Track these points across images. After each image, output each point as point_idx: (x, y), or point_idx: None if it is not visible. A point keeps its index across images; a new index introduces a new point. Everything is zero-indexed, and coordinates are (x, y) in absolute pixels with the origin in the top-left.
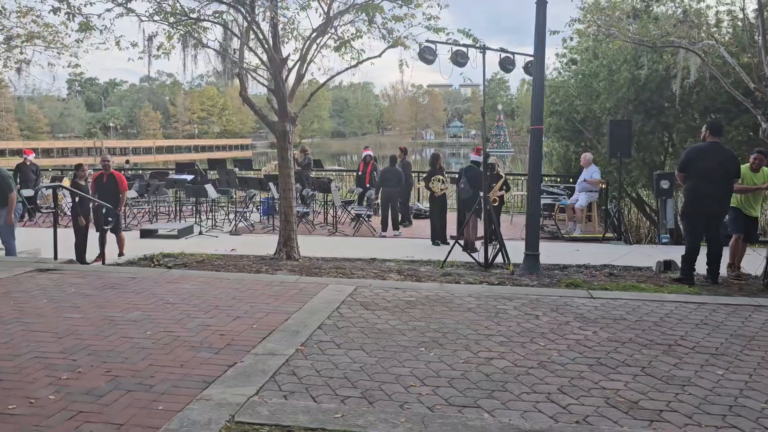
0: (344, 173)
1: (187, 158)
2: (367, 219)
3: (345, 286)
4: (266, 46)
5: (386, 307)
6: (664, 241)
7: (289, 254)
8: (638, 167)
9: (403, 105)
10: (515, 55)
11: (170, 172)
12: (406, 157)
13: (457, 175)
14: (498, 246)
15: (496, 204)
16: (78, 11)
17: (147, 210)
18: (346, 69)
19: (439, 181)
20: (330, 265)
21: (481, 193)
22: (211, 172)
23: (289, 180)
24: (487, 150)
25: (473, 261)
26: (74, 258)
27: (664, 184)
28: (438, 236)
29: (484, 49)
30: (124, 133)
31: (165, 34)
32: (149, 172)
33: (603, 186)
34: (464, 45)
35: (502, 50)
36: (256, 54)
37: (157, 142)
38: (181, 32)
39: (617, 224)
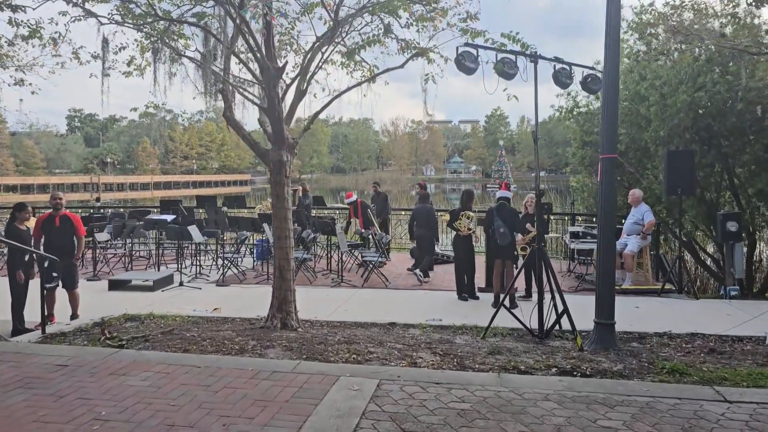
0: (347, 211)
1: (178, 194)
2: (377, 266)
3: (363, 379)
4: (258, 54)
5: (431, 426)
6: (733, 293)
7: (285, 322)
8: (693, 205)
9: (403, 140)
10: (573, 67)
11: (154, 211)
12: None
13: (485, 216)
14: (551, 302)
15: (526, 252)
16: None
17: (123, 254)
18: (362, 82)
19: (467, 218)
20: (339, 337)
21: (519, 236)
22: (200, 211)
23: (286, 224)
24: (488, 186)
25: (518, 323)
26: (10, 318)
27: (732, 226)
28: (466, 289)
29: (536, 57)
30: (122, 168)
31: (137, 45)
32: (129, 210)
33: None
34: (511, 51)
35: (558, 60)
36: (245, 65)
37: (154, 178)
38: (153, 39)
39: (678, 274)
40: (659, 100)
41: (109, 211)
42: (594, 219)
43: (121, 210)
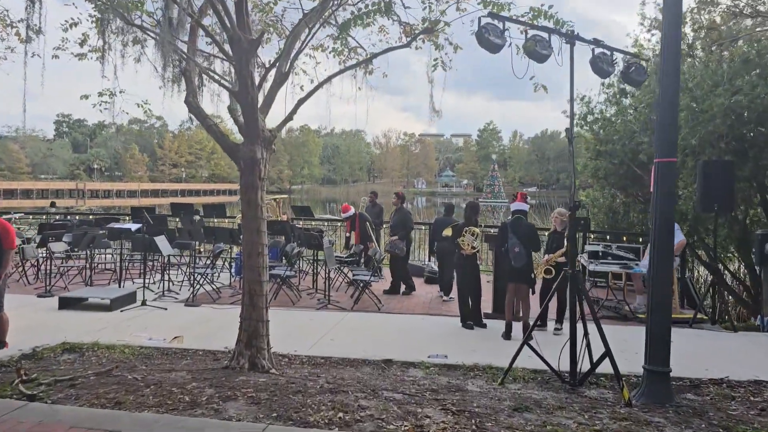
0: (338, 224)
1: (165, 202)
2: (368, 286)
3: None
4: (226, 21)
5: None
6: None
7: (255, 361)
8: (724, 224)
9: (395, 153)
10: (614, 53)
11: (125, 219)
12: (403, 205)
13: (498, 232)
14: (583, 340)
15: (551, 276)
16: None
17: (85, 267)
18: (358, 64)
19: (472, 234)
20: (322, 382)
21: (540, 255)
22: (176, 220)
23: (259, 238)
24: (479, 201)
25: (542, 361)
26: None
27: None
28: (471, 315)
29: (573, 38)
30: (110, 175)
31: (92, 21)
32: (97, 217)
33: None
34: (544, 28)
35: (597, 42)
36: (212, 38)
37: (142, 185)
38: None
39: (713, 302)
40: (690, 104)
41: (76, 218)
42: (608, 237)
43: (90, 217)
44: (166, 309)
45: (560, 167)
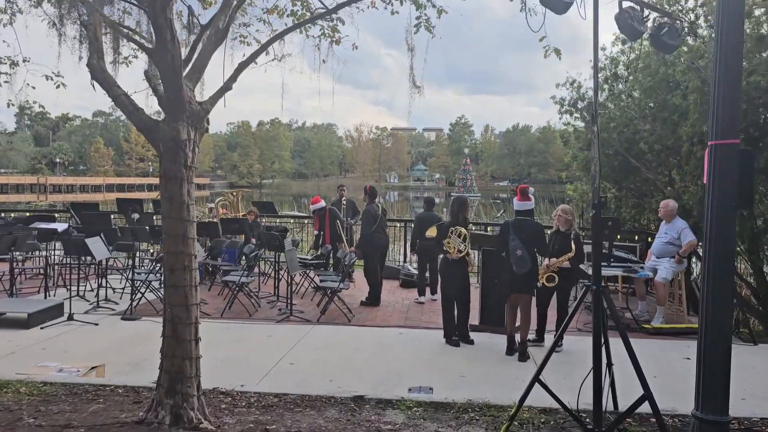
0: (306, 221)
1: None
2: (338, 293)
3: None
4: None
5: None
6: None
7: (179, 413)
8: (738, 221)
9: (367, 147)
10: (646, 10)
11: (63, 216)
12: (373, 202)
13: (498, 233)
14: (606, 371)
15: (553, 284)
16: None
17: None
18: (317, 16)
19: (458, 235)
20: None
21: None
22: (117, 218)
23: (185, 246)
24: (451, 195)
25: (551, 396)
26: None
27: None
28: (459, 328)
29: None
30: (74, 169)
31: None
32: (35, 214)
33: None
34: None
35: None
36: None
37: (107, 180)
38: None
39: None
40: (700, 87)
41: (12, 215)
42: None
43: (28, 215)
44: (96, 324)
45: (531, 161)
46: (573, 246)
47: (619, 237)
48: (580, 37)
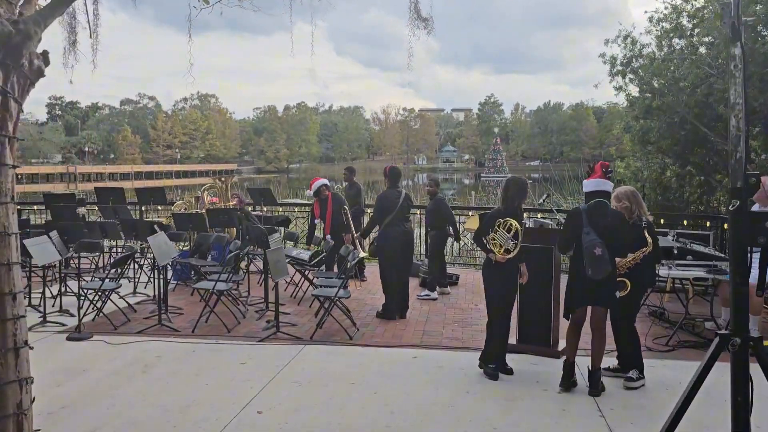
0: (308, 209)
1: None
2: (339, 301)
3: None
4: None
5: None
6: None
7: None
8: None
9: (394, 129)
10: None
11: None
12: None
13: (566, 224)
14: None
15: (625, 292)
16: None
17: None
18: None
19: (508, 230)
20: None
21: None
22: (90, 210)
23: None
24: (482, 175)
25: None
26: None
27: None
28: (494, 355)
29: None
30: (103, 158)
31: None
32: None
33: None
34: None
35: None
36: None
37: (135, 168)
38: None
39: None
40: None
41: None
42: (662, 220)
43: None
44: (31, 348)
45: (563, 140)
46: (648, 238)
47: (686, 222)
48: (609, 10)
